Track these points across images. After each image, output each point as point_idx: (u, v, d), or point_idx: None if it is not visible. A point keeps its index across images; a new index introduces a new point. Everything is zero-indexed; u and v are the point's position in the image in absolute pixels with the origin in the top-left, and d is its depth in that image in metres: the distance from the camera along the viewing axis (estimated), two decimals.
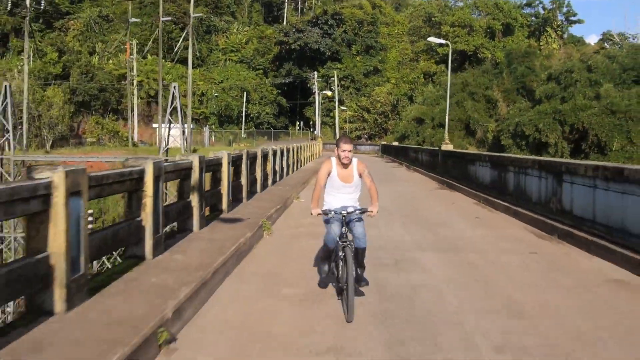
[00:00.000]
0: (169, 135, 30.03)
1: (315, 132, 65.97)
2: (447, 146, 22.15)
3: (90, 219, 28.59)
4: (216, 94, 70.94)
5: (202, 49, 75.23)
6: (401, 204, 12.96)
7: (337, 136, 67.27)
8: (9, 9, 67.70)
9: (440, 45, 33.61)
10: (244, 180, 11.17)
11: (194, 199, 7.63)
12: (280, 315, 4.76)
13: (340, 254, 4.90)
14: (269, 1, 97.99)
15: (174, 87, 29.03)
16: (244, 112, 71.40)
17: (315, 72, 68.33)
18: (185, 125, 35.77)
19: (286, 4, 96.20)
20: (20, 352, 3.39)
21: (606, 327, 4.56)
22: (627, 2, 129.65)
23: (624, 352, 4.05)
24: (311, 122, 72.10)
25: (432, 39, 31.28)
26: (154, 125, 60.96)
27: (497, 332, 4.38)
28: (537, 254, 7.48)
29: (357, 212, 4.99)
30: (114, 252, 5.73)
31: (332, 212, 4.93)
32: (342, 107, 69.05)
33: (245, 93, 71.23)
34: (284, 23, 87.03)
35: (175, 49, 60.43)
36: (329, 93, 65.46)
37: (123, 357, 3.38)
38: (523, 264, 6.87)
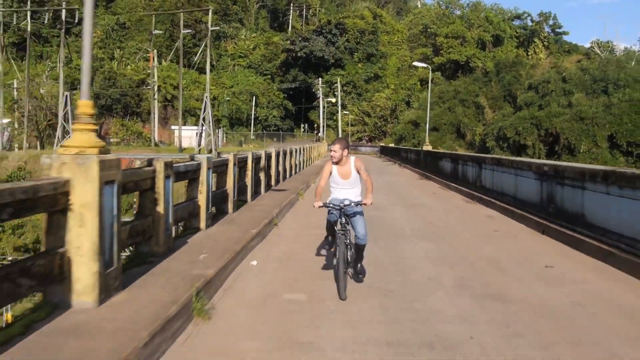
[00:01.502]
0: (200, 138, 35.69)
1: (319, 134, 71.71)
2: (427, 147, 27.86)
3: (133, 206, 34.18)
4: (228, 98, 76.66)
5: (212, 55, 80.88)
6: (387, 187, 18.57)
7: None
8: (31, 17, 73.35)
9: (426, 67, 38.99)
10: (281, 168, 16.81)
11: (262, 176, 13.28)
12: (316, 221, 10.35)
13: (336, 241, 5.55)
14: (275, 8, 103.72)
15: (206, 97, 34.65)
16: (252, 115, 77.10)
17: (320, 78, 74.06)
18: (204, 128, 41.54)
19: (291, 11, 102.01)
20: (225, 222, 9.00)
21: (466, 227, 10.17)
22: (610, 12, 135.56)
23: (467, 231, 9.63)
24: (315, 125, 77.77)
25: (416, 64, 36.99)
26: (173, 127, 66.89)
27: (416, 228, 10.03)
28: (458, 208, 13.12)
29: (353, 204, 5.61)
30: (236, 197, 11.23)
31: (331, 205, 5.70)
32: (345, 111, 74.77)
33: (254, 97, 76.95)
34: (289, 29, 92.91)
35: (195, 59, 66.14)
36: (333, 100, 71.20)
37: (265, 224, 8.99)
38: (446, 211, 12.51)
